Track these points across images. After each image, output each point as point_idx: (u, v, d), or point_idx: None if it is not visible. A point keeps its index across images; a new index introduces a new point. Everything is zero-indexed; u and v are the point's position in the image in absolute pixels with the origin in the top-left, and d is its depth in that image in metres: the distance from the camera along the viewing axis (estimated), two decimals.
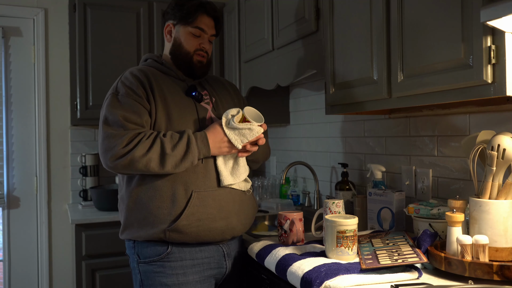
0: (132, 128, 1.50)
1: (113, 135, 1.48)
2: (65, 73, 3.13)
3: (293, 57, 2.17)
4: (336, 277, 1.24)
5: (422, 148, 1.86)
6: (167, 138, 1.49)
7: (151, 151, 1.47)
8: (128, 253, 1.66)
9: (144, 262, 1.58)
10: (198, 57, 1.67)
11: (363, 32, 1.62)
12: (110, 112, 1.52)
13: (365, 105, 1.66)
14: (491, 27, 1.13)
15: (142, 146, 1.46)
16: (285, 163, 2.99)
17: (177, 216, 1.52)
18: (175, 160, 1.48)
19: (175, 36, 1.68)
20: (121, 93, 1.55)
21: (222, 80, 1.86)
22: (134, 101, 1.53)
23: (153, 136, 1.49)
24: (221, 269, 1.65)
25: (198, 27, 1.65)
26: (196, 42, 1.66)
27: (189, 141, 1.50)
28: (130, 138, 1.47)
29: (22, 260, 3.06)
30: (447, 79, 1.28)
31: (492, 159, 1.27)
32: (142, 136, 1.49)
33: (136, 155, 1.45)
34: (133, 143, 1.47)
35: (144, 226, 1.55)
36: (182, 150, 1.49)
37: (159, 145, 1.48)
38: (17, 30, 3.06)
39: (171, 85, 1.63)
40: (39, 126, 3.08)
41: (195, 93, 1.64)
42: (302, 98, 2.79)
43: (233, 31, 2.88)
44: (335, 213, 1.59)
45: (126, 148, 1.46)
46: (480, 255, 1.20)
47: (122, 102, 1.53)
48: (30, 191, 3.09)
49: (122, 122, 1.49)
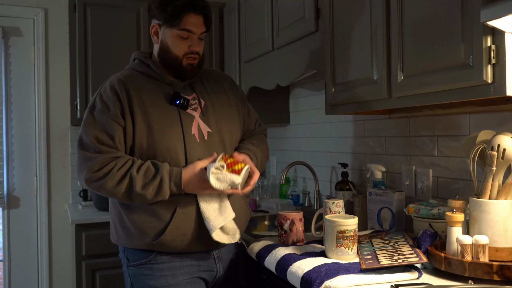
0: (104, 151, 1.45)
1: (86, 158, 1.46)
2: (65, 73, 3.13)
3: (293, 57, 2.17)
4: (336, 277, 1.24)
5: (422, 148, 1.86)
6: (139, 175, 1.43)
7: (120, 185, 1.43)
8: (120, 256, 1.64)
9: (133, 265, 1.56)
10: (188, 60, 1.55)
11: (363, 32, 1.62)
12: (85, 131, 1.49)
13: (365, 105, 1.66)
14: (491, 27, 1.13)
15: (112, 178, 1.43)
16: (285, 163, 2.99)
17: (162, 230, 1.48)
18: (143, 199, 1.44)
19: (161, 39, 1.56)
20: (97, 109, 1.50)
21: (216, 74, 1.74)
22: (108, 119, 1.47)
23: (125, 169, 1.44)
24: (212, 272, 1.60)
25: (185, 29, 1.51)
26: (184, 45, 1.53)
27: (162, 181, 1.43)
28: (101, 164, 1.44)
29: (22, 260, 3.06)
30: (447, 79, 1.28)
31: (492, 159, 1.27)
32: (113, 165, 1.44)
33: (105, 186, 1.43)
34: (103, 171, 1.43)
35: (129, 237, 1.53)
36: (152, 191, 1.43)
37: (128, 181, 1.43)
38: (17, 30, 3.06)
39: (154, 93, 1.54)
40: (39, 126, 3.08)
41: (179, 101, 1.54)
42: (302, 98, 2.79)
43: (233, 31, 2.88)
44: (335, 213, 1.59)
45: (97, 174, 1.43)
46: (480, 255, 1.20)
47: (96, 119, 1.49)
48: (30, 191, 3.09)
49: (95, 144, 1.46)
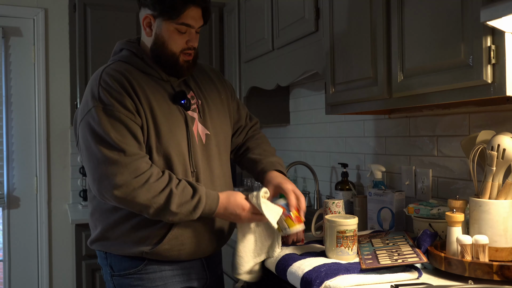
0: (134, 153, 1.29)
1: (115, 162, 1.27)
2: (65, 73, 3.13)
3: (293, 57, 2.17)
4: (336, 277, 1.24)
5: (422, 148, 1.86)
6: (178, 191, 1.29)
7: (155, 199, 1.28)
8: (100, 263, 1.49)
9: (119, 275, 1.42)
10: (185, 56, 1.43)
11: (363, 32, 1.62)
12: (103, 130, 1.29)
13: (365, 105, 1.66)
14: (491, 27, 1.13)
15: (148, 190, 1.27)
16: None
17: (160, 239, 1.37)
18: (174, 218, 1.32)
19: (156, 32, 1.41)
20: (109, 106, 1.31)
21: (205, 68, 1.62)
22: (126, 118, 1.31)
23: (164, 183, 1.30)
24: (202, 280, 1.52)
25: (184, 23, 1.38)
26: (182, 40, 1.41)
27: (199, 203, 1.31)
28: (135, 171, 1.27)
29: (22, 260, 3.06)
30: (447, 79, 1.28)
31: (492, 159, 1.27)
32: (150, 174, 1.29)
33: (138, 199, 1.27)
34: (139, 180, 1.27)
35: (120, 244, 1.40)
36: (186, 211, 1.31)
37: (166, 197, 1.29)
38: (17, 30, 3.06)
39: (155, 90, 1.40)
40: (39, 126, 3.08)
41: (184, 101, 1.42)
42: (302, 98, 2.79)
43: (233, 31, 2.88)
44: (335, 213, 1.59)
45: (131, 182, 1.27)
46: (480, 255, 1.20)
47: (113, 118, 1.30)
48: (30, 191, 3.09)
49: (121, 145, 1.28)
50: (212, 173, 1.49)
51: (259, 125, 1.76)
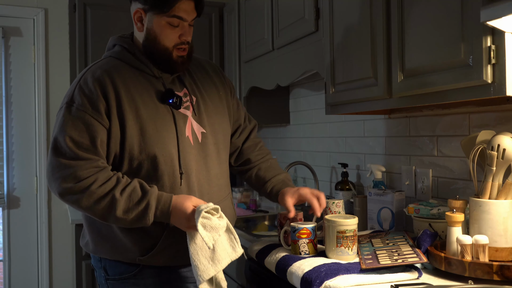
0: (83, 157, 1.27)
1: (60, 165, 1.27)
2: (65, 73, 3.13)
3: (293, 57, 2.17)
4: (336, 277, 1.24)
5: (422, 148, 1.86)
6: (123, 197, 1.26)
7: (97, 205, 1.26)
8: (94, 265, 1.48)
9: (114, 279, 1.40)
10: (178, 52, 1.39)
11: (363, 32, 1.62)
12: (60, 131, 1.29)
13: (365, 105, 1.66)
14: (491, 27, 1.13)
15: (89, 196, 1.25)
16: (285, 163, 2.99)
17: (152, 246, 1.35)
18: (121, 223, 1.28)
19: (148, 27, 1.37)
20: (76, 105, 1.30)
21: (201, 62, 1.57)
22: (90, 117, 1.29)
23: (107, 189, 1.26)
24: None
25: (176, 15, 1.34)
26: (175, 34, 1.37)
27: (147, 209, 1.26)
28: (79, 177, 1.25)
29: (22, 260, 3.06)
30: (447, 79, 1.28)
31: (492, 159, 1.27)
32: (93, 181, 1.26)
33: (80, 202, 1.26)
34: (80, 185, 1.25)
35: (112, 249, 1.38)
36: (134, 216, 1.26)
37: (109, 203, 1.26)
38: (17, 30, 3.06)
39: (144, 89, 1.37)
40: (39, 126, 3.08)
41: (172, 99, 1.38)
42: (302, 98, 2.79)
43: (233, 31, 2.88)
44: (335, 213, 1.59)
45: (72, 187, 1.25)
46: (480, 255, 1.20)
47: (74, 117, 1.29)
48: (30, 191, 3.09)
49: (72, 148, 1.27)
50: (209, 172, 1.45)
51: (257, 127, 1.74)
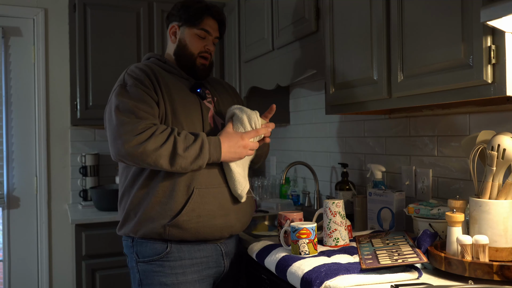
0: (144, 117, 1.48)
1: (126, 122, 1.46)
2: (65, 73, 3.13)
3: (293, 57, 2.17)
4: (336, 277, 1.24)
5: (422, 148, 1.86)
6: (181, 137, 1.48)
7: (163, 147, 1.45)
8: (126, 252, 1.66)
9: (143, 261, 1.58)
10: (201, 60, 1.70)
11: (363, 32, 1.62)
12: (120, 100, 1.51)
13: (365, 105, 1.66)
14: (491, 27, 1.13)
15: (155, 140, 1.44)
16: (285, 163, 2.99)
17: (178, 212, 1.53)
18: (185, 162, 1.47)
19: (180, 37, 1.70)
20: (129, 84, 1.55)
21: (222, 83, 1.88)
22: (142, 92, 1.53)
23: (167, 133, 1.48)
24: (220, 268, 1.65)
25: (203, 29, 1.68)
26: (201, 44, 1.69)
27: (203, 146, 1.49)
28: (144, 127, 1.46)
29: (22, 260, 3.06)
30: (447, 79, 1.28)
31: (492, 159, 1.27)
32: (155, 129, 1.47)
33: (147, 148, 1.43)
34: (146, 134, 1.45)
35: (144, 221, 1.56)
36: (194, 154, 1.48)
37: (172, 143, 1.46)
38: (17, 30, 3.06)
39: (175, 82, 1.64)
40: (39, 126, 3.08)
41: (200, 89, 1.67)
42: (302, 98, 2.79)
43: (233, 31, 2.88)
44: (335, 213, 1.59)
45: (139, 137, 1.44)
46: (480, 255, 1.20)
47: (130, 92, 1.53)
48: (30, 191, 3.09)
49: (134, 109, 1.48)
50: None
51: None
